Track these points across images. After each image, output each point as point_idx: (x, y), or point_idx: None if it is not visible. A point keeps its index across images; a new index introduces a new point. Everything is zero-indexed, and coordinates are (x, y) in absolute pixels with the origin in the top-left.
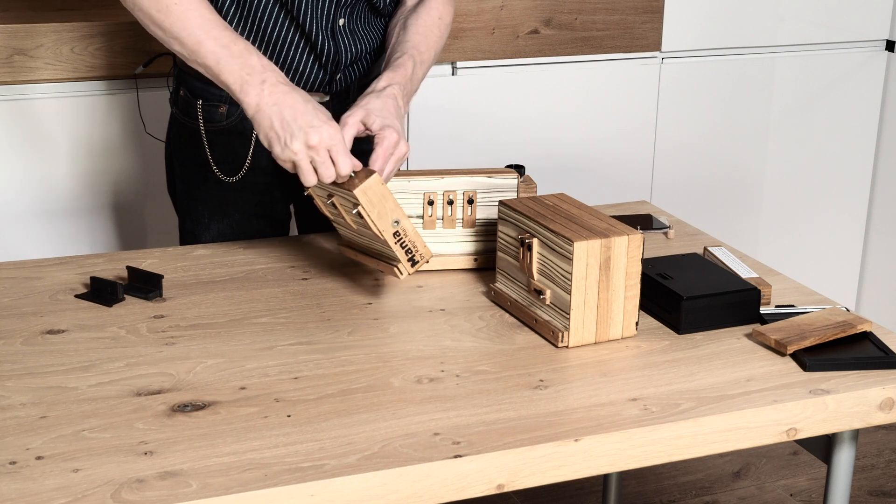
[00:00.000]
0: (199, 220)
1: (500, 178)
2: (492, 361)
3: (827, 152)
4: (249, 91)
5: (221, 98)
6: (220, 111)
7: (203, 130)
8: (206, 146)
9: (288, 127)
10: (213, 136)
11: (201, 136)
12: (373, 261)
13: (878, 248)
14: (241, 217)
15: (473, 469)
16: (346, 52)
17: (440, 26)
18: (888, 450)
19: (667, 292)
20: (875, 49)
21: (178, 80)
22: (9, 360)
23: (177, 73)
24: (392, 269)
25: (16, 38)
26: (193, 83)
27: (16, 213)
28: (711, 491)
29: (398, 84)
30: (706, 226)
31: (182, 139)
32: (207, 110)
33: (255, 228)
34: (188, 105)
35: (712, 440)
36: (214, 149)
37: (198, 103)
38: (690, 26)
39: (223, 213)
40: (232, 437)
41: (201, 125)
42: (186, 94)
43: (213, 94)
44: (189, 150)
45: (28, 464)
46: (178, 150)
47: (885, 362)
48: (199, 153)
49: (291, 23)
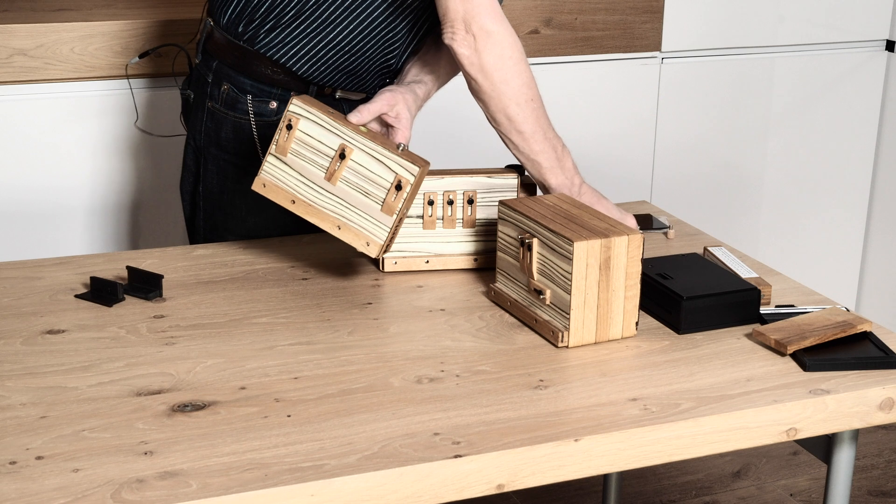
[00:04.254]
0: (235, 214)
1: (500, 178)
2: (492, 361)
3: (827, 152)
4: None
5: (271, 94)
6: (270, 106)
7: (254, 124)
8: (256, 139)
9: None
10: (263, 129)
11: (251, 129)
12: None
13: (878, 248)
14: (278, 210)
15: (473, 469)
16: (404, 63)
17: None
18: (888, 450)
19: (667, 292)
20: (875, 49)
21: (218, 74)
22: (9, 360)
23: (216, 67)
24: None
25: (16, 38)
26: (240, 79)
27: (16, 213)
28: (711, 491)
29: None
30: (706, 226)
31: (222, 133)
32: (257, 105)
33: (287, 221)
34: (234, 100)
35: (712, 440)
36: (265, 141)
37: (247, 98)
38: (690, 26)
39: (261, 206)
40: (232, 437)
41: (252, 119)
42: (232, 89)
43: (262, 91)
44: (232, 144)
45: (28, 464)
46: (216, 144)
47: (885, 362)
48: (244, 147)
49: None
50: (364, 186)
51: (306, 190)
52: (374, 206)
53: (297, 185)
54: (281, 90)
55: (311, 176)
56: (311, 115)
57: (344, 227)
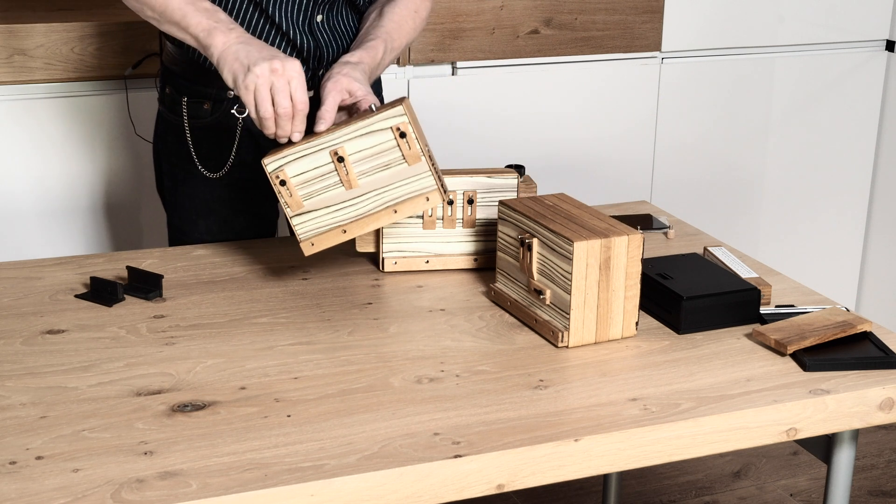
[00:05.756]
0: (187, 218)
1: (500, 178)
2: (492, 361)
3: (827, 152)
4: (217, 35)
5: (206, 95)
6: (204, 107)
7: (188, 127)
8: (190, 142)
9: (253, 56)
10: (197, 132)
11: (185, 132)
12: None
13: (878, 248)
14: (227, 214)
15: (473, 469)
16: (328, 47)
17: (415, 19)
18: (888, 450)
19: (667, 292)
20: (875, 49)
21: (165, 78)
22: (9, 360)
23: (163, 71)
24: (417, 204)
25: (16, 38)
26: (179, 81)
27: (16, 213)
28: (711, 491)
29: (367, 64)
30: (706, 226)
31: (168, 136)
32: (192, 106)
33: (242, 225)
34: (174, 102)
35: (712, 440)
36: (199, 145)
37: (183, 100)
38: (690, 26)
39: (209, 210)
40: (232, 437)
41: (185, 121)
42: (172, 91)
43: (197, 91)
44: (175, 147)
45: (28, 464)
46: (164, 148)
47: (885, 362)
48: (184, 150)
49: (266, 20)
50: (379, 162)
51: (344, 212)
52: (402, 167)
53: (333, 217)
54: (216, 90)
55: (335, 199)
56: (288, 156)
57: (399, 207)
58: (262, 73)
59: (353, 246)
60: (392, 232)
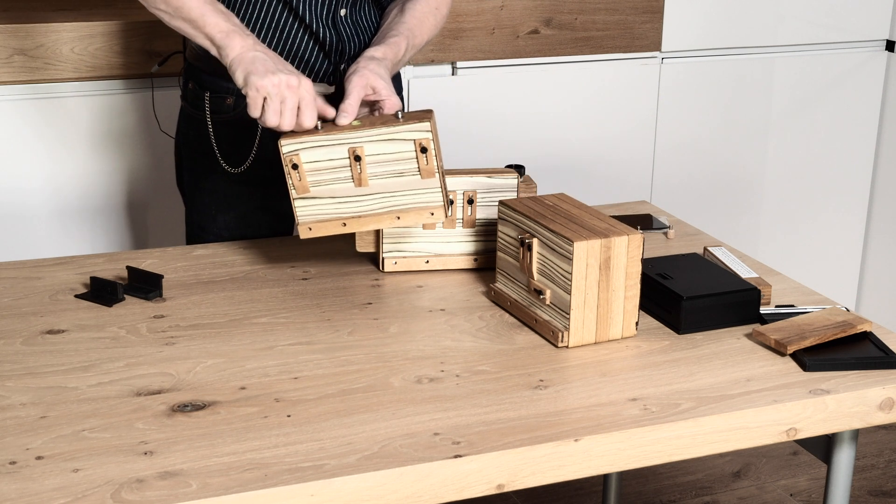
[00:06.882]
0: (206, 213)
1: (500, 178)
2: (492, 361)
3: (827, 152)
4: (235, 38)
5: (229, 90)
6: (227, 102)
7: (210, 121)
8: (212, 137)
9: (271, 66)
10: (219, 127)
11: (208, 127)
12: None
13: (878, 248)
14: (246, 210)
15: (473, 469)
16: (350, 41)
17: (436, 16)
18: (888, 450)
19: (667, 292)
20: (875, 49)
21: (188, 73)
22: (9, 360)
23: (186, 66)
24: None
25: (16, 38)
26: (202, 76)
27: (16, 213)
28: (711, 491)
29: (390, 60)
30: (706, 226)
31: (191, 131)
32: (215, 101)
33: (260, 222)
34: (196, 97)
35: (712, 440)
36: (221, 140)
37: (205, 95)
38: (690, 26)
39: (228, 205)
40: (232, 437)
41: (208, 116)
42: (195, 86)
43: (220, 86)
44: (197, 142)
45: (28, 464)
46: (186, 142)
47: (885, 362)
48: (205, 145)
49: (290, 13)
50: (394, 169)
51: (348, 206)
52: (415, 179)
53: (337, 209)
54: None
55: (343, 192)
56: (305, 144)
57: (403, 214)
58: (278, 83)
59: (354, 246)
60: (392, 232)
